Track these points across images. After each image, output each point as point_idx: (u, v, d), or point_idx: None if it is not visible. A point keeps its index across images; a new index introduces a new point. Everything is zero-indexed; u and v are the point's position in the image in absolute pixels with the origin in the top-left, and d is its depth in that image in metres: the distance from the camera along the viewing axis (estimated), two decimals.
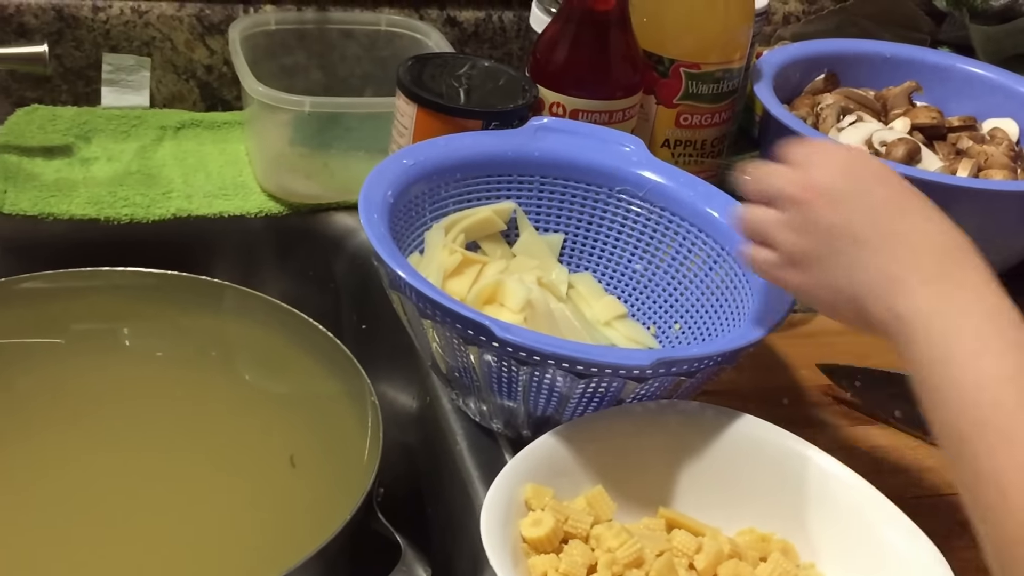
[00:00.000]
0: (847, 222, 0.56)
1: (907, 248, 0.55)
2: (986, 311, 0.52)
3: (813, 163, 0.59)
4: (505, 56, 1.09)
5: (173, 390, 0.82)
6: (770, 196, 0.60)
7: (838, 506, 0.62)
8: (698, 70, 0.89)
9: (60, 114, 0.97)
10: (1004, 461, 0.48)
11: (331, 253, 0.92)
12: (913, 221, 0.56)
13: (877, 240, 0.56)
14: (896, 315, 0.53)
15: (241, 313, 0.85)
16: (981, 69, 1.02)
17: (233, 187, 0.93)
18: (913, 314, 0.53)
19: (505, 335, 0.59)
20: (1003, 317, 0.52)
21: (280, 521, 0.73)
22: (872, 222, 0.56)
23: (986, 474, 0.48)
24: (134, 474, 0.75)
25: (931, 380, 0.51)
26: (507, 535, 0.56)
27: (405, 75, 0.81)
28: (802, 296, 0.60)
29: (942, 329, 0.52)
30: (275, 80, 0.89)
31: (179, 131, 0.98)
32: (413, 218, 0.72)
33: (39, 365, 0.81)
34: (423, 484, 0.79)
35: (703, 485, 0.64)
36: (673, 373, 0.62)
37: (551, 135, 0.77)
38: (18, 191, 0.88)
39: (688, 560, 0.59)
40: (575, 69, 0.84)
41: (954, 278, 0.53)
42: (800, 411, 0.77)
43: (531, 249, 0.77)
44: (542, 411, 0.65)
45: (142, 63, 0.99)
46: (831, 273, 0.57)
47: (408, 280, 0.61)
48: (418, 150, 0.74)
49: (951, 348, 0.51)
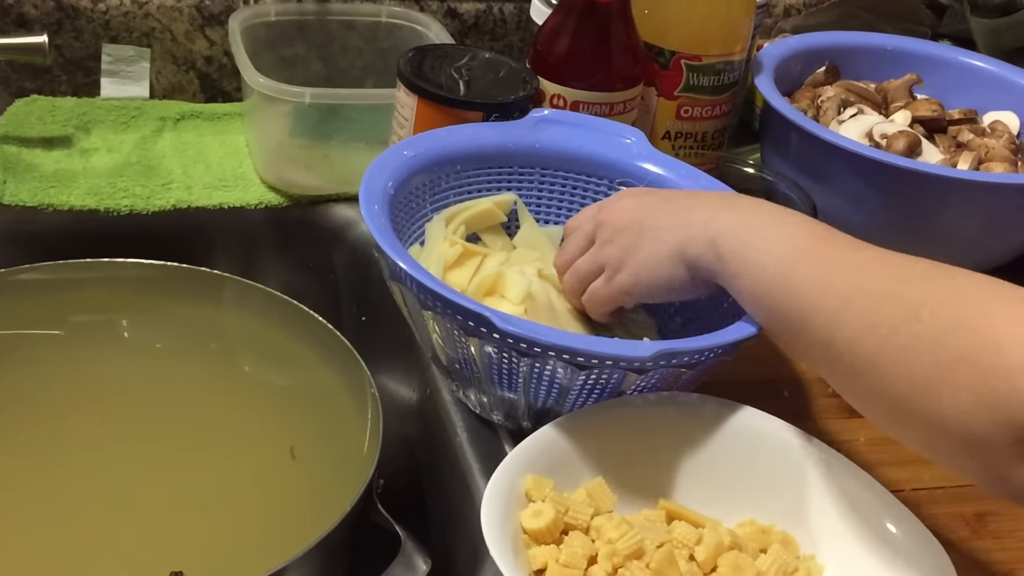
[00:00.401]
0: (645, 213, 0.64)
1: (705, 206, 0.63)
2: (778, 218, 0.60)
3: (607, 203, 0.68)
4: (506, 48, 1.09)
5: (172, 382, 0.82)
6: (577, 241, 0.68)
7: (838, 498, 0.62)
8: (699, 62, 0.89)
9: (60, 105, 0.97)
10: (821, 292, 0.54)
11: (331, 245, 0.92)
12: (704, 197, 0.66)
13: (676, 214, 0.63)
14: (710, 239, 0.60)
15: (241, 305, 0.85)
16: (982, 62, 1.02)
17: (233, 178, 0.92)
18: (727, 228, 0.60)
19: (506, 326, 0.58)
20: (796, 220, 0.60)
21: (280, 512, 0.73)
22: (667, 208, 0.64)
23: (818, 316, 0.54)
24: (133, 466, 0.75)
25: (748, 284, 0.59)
26: (507, 526, 0.56)
27: (406, 66, 0.81)
28: (636, 288, 0.65)
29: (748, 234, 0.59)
30: (275, 71, 0.89)
31: (179, 122, 0.98)
32: (414, 209, 0.72)
33: (38, 357, 0.81)
34: (423, 476, 0.79)
35: (703, 477, 0.64)
36: (674, 365, 0.62)
37: (552, 127, 0.77)
38: (17, 182, 0.87)
39: (688, 552, 0.59)
40: (576, 61, 0.83)
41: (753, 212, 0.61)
42: (800, 403, 0.77)
43: (532, 241, 0.77)
44: (542, 403, 0.65)
45: (142, 54, 0.99)
46: (644, 249, 0.64)
47: (409, 271, 0.61)
48: (419, 141, 0.74)
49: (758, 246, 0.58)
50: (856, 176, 0.86)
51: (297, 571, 0.63)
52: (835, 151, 0.86)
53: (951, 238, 0.87)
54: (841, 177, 0.87)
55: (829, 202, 0.87)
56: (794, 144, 0.90)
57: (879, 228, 0.88)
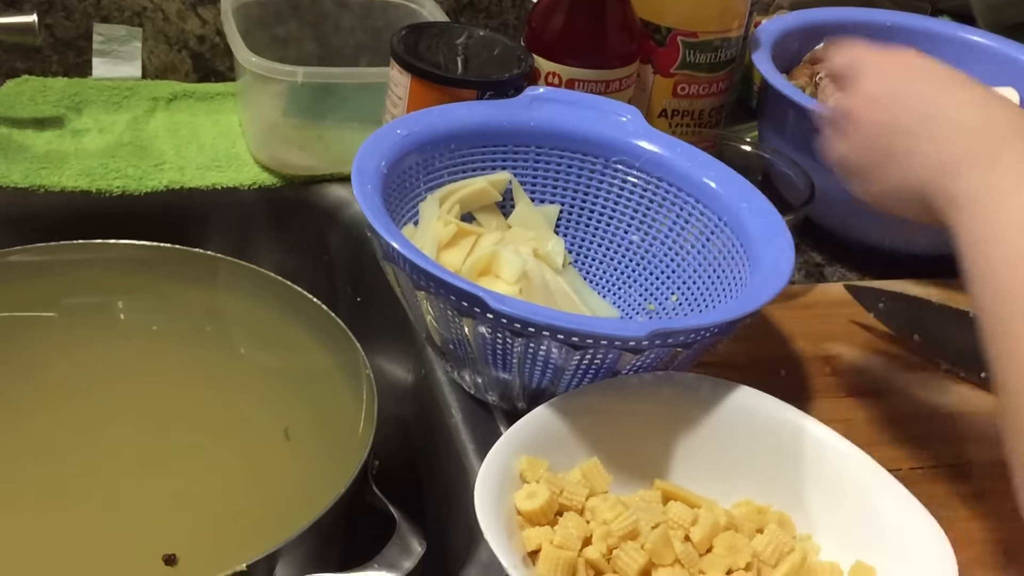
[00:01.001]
0: (893, 119, 0.60)
1: (953, 131, 0.58)
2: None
3: (855, 75, 0.63)
4: (500, 26, 1.08)
5: (167, 363, 0.82)
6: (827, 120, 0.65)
7: (835, 477, 0.62)
8: (696, 39, 0.88)
9: (51, 85, 0.96)
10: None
11: (325, 225, 0.91)
12: (955, 101, 0.59)
13: (922, 128, 0.59)
14: (950, 199, 0.56)
15: (235, 286, 0.84)
16: (981, 38, 1.01)
17: (226, 159, 0.92)
18: (965, 196, 0.55)
19: (500, 306, 0.58)
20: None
21: (274, 494, 0.73)
22: (916, 113, 0.60)
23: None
24: (128, 448, 0.75)
25: (979, 259, 0.54)
26: (501, 507, 0.56)
27: (399, 45, 0.80)
28: (876, 203, 0.63)
29: (989, 207, 0.54)
30: (268, 51, 0.88)
31: (171, 102, 0.98)
32: (407, 189, 0.72)
33: (31, 339, 0.81)
34: (418, 457, 0.78)
35: (699, 457, 0.64)
36: (669, 344, 0.61)
37: (547, 105, 0.77)
38: (8, 163, 0.87)
39: (684, 532, 0.59)
40: (571, 38, 0.83)
41: (1001, 158, 0.55)
42: (797, 383, 0.77)
43: (527, 220, 0.76)
44: (537, 383, 0.64)
45: (133, 33, 0.98)
46: (890, 171, 0.60)
47: (402, 251, 0.61)
48: (412, 120, 0.73)
49: (997, 225, 0.54)
50: None
51: (291, 553, 0.63)
52: None
53: None
54: None
55: (827, 180, 0.86)
56: (792, 121, 0.90)
57: None
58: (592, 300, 0.77)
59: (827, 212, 0.90)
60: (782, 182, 0.86)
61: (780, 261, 0.67)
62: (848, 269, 0.91)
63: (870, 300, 0.81)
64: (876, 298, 0.81)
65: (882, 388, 0.77)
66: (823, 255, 0.92)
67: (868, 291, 0.82)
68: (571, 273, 0.77)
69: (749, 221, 0.70)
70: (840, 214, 0.90)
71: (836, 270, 0.91)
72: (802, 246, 0.91)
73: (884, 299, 0.81)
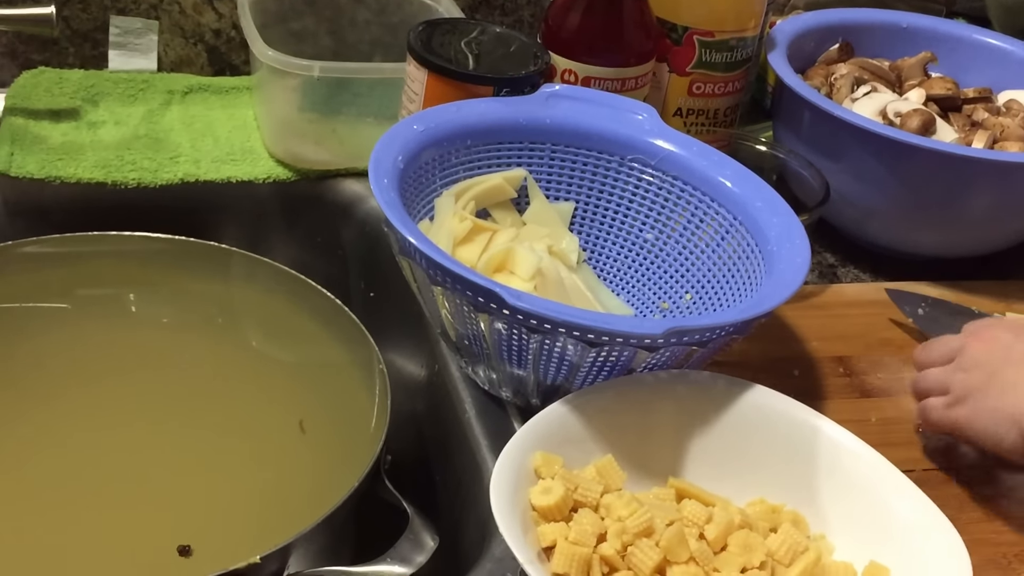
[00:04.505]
0: (1007, 356, 0.65)
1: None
2: None
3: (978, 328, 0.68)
4: (516, 23, 1.08)
5: (180, 356, 0.82)
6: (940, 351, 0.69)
7: (849, 477, 0.62)
8: (712, 38, 0.88)
9: (67, 77, 0.96)
10: None
11: (340, 220, 0.91)
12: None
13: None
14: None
15: (249, 279, 0.84)
16: (997, 40, 1.01)
17: (241, 152, 0.92)
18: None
19: (516, 302, 0.58)
20: None
21: (287, 488, 0.73)
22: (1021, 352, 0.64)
23: None
24: (140, 440, 0.75)
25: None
26: (516, 503, 0.56)
27: (416, 40, 0.80)
28: (968, 429, 0.66)
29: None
30: (284, 45, 0.88)
31: (187, 95, 0.98)
32: (423, 184, 0.72)
33: (44, 330, 0.81)
34: (431, 452, 0.78)
35: (714, 455, 0.64)
36: (685, 343, 0.61)
37: (563, 102, 0.77)
38: (25, 154, 0.87)
39: (699, 530, 0.59)
40: (588, 36, 0.83)
41: None
42: (811, 383, 0.77)
43: (542, 217, 0.76)
44: (552, 380, 0.64)
45: (150, 26, 0.98)
46: (989, 397, 0.64)
47: (419, 246, 0.61)
48: (429, 116, 0.73)
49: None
50: (869, 154, 0.85)
51: (304, 546, 0.63)
52: (848, 129, 0.85)
53: (965, 217, 0.87)
54: (854, 155, 0.86)
55: (842, 180, 0.86)
56: (807, 122, 0.90)
57: (892, 207, 0.87)
58: (606, 298, 0.77)
59: (841, 213, 0.90)
60: (796, 182, 0.86)
61: (795, 261, 0.67)
62: (861, 270, 0.91)
63: (910, 305, 0.81)
64: (917, 302, 0.81)
65: (896, 389, 0.77)
66: (837, 256, 0.92)
67: (908, 296, 0.82)
68: (585, 271, 0.77)
69: (764, 221, 0.70)
70: (854, 215, 0.90)
71: (849, 271, 0.91)
72: (816, 247, 0.91)
73: (925, 304, 0.81)
